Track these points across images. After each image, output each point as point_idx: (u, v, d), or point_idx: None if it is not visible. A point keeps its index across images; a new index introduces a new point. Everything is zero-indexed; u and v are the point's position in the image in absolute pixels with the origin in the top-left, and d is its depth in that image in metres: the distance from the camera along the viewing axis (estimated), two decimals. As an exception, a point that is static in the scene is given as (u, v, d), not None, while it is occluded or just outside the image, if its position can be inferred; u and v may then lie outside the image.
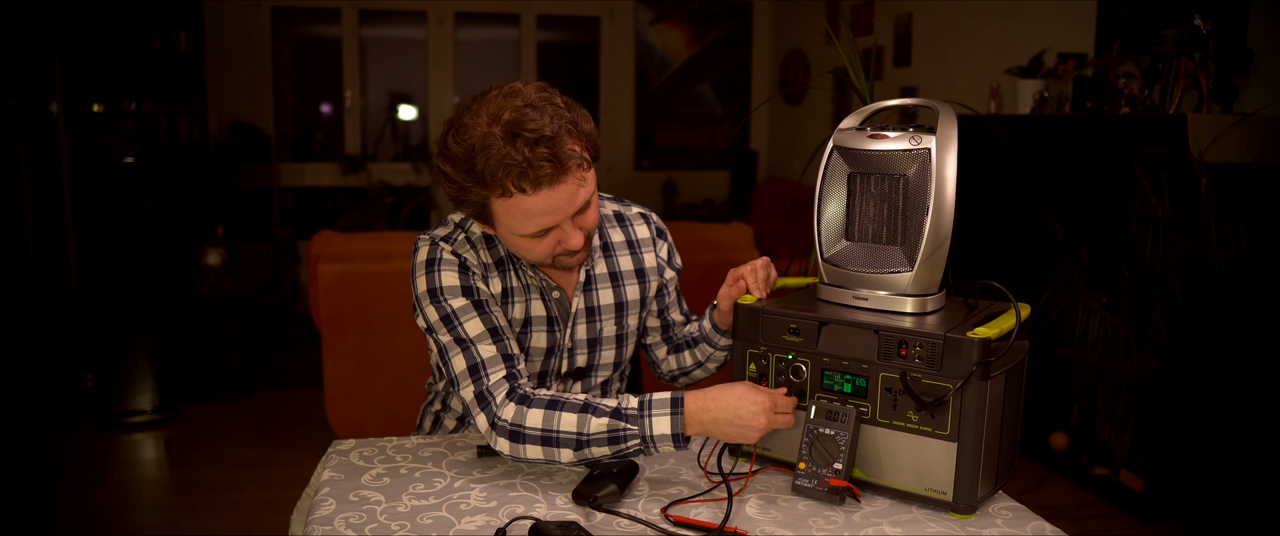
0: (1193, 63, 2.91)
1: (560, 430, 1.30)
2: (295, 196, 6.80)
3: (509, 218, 1.32)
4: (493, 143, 1.25)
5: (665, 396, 1.29)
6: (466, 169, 1.28)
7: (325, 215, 6.59)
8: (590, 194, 1.35)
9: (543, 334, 1.49)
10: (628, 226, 1.59)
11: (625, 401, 1.30)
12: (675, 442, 1.28)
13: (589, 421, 1.29)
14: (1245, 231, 2.57)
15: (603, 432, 1.28)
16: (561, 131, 1.27)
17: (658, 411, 1.28)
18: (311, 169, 6.80)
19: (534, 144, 1.25)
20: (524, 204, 1.29)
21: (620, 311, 1.56)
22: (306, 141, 6.95)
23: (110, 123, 6.04)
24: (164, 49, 6.09)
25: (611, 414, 1.29)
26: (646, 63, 7.04)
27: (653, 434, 1.28)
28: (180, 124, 6.20)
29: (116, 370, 3.63)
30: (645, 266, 1.59)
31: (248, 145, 6.30)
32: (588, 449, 1.29)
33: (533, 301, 1.48)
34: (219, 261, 4.18)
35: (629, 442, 1.28)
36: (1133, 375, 2.76)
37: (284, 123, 6.81)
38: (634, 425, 1.28)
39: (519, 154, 1.24)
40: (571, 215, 1.33)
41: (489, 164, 1.25)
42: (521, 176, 1.25)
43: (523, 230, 1.33)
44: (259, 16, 6.41)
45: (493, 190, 1.28)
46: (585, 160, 1.31)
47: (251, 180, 6.30)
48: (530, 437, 1.30)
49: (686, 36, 7.07)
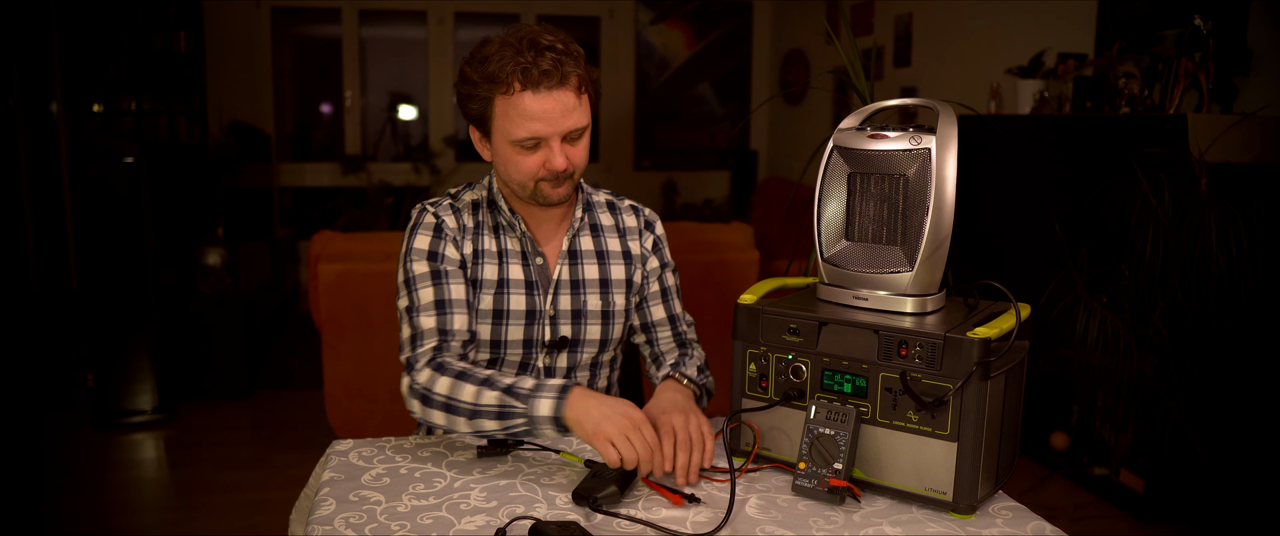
0: (1193, 63, 2.91)
1: (460, 399, 1.37)
2: (295, 196, 6.80)
3: (506, 120, 1.44)
4: (508, 48, 1.42)
5: (558, 382, 1.35)
6: (482, 67, 1.43)
7: (325, 215, 6.58)
8: (583, 124, 1.47)
9: (522, 297, 1.56)
10: (618, 214, 1.68)
11: (522, 381, 1.36)
12: (555, 426, 1.33)
13: (484, 394, 1.36)
14: (1245, 231, 2.57)
15: (493, 406, 1.35)
16: (568, 55, 1.44)
17: (545, 394, 1.33)
18: (311, 169, 6.80)
19: (542, 50, 1.41)
20: (522, 102, 1.42)
21: (605, 287, 1.61)
22: (306, 141, 6.95)
23: (110, 123, 6.04)
24: (164, 49, 6.09)
25: (504, 390, 1.35)
26: (646, 63, 7.04)
27: (535, 414, 1.33)
28: (180, 124, 6.20)
29: (116, 370, 3.63)
30: (630, 251, 1.65)
31: (248, 145, 6.30)
32: (480, 420, 1.36)
33: (512, 265, 1.56)
34: (219, 261, 4.17)
35: (515, 420, 1.34)
36: (1133, 375, 2.76)
37: (284, 123, 6.81)
38: (522, 403, 1.33)
39: (526, 56, 1.40)
40: (561, 133, 1.45)
41: (502, 63, 1.41)
42: (525, 74, 1.40)
43: (515, 133, 1.44)
44: (259, 16, 6.41)
45: (499, 86, 1.42)
46: (586, 88, 1.46)
47: (251, 180, 6.30)
48: (436, 403, 1.40)
49: (686, 36, 7.07)
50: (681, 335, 1.70)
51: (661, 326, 1.69)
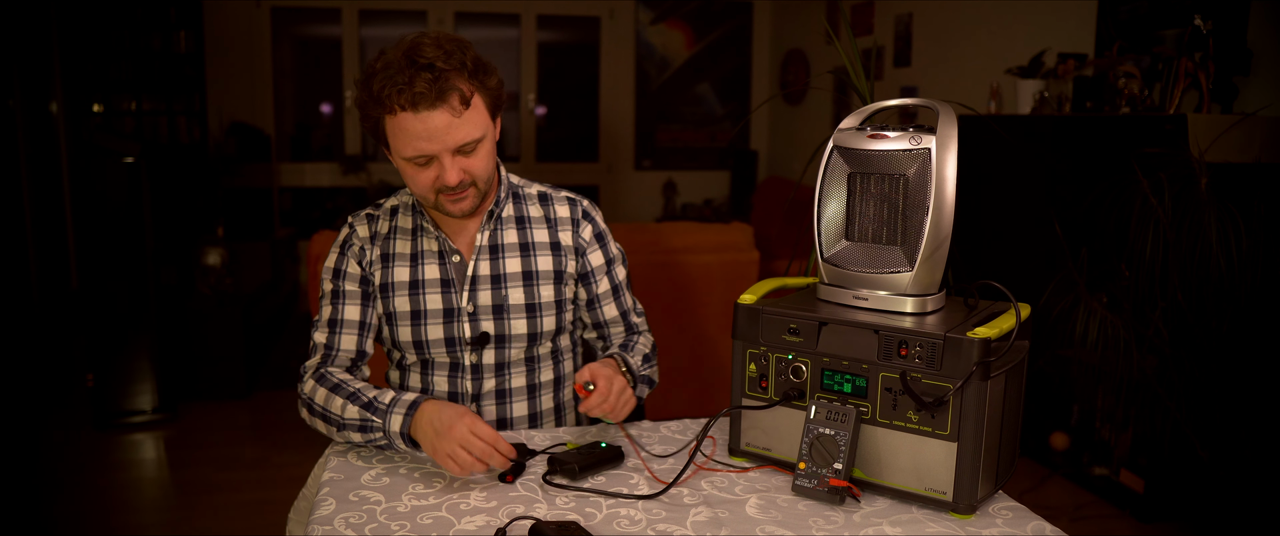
0: (1193, 63, 2.91)
1: (331, 411, 1.43)
2: (295, 196, 6.80)
3: (395, 139, 1.44)
4: (389, 65, 1.39)
5: (409, 398, 1.39)
6: (366, 88, 1.42)
7: (325, 215, 6.58)
8: (471, 137, 1.43)
9: (437, 295, 1.57)
10: (550, 205, 1.65)
11: (382, 395, 1.41)
12: (405, 441, 1.36)
13: (348, 407, 1.42)
14: (1245, 231, 2.57)
15: (355, 420, 1.41)
16: (453, 69, 1.39)
17: (397, 410, 1.37)
18: (311, 169, 6.80)
19: (420, 69, 1.37)
20: (404, 123, 1.40)
21: (529, 279, 1.59)
22: (306, 141, 6.95)
23: (110, 123, 6.04)
24: (164, 49, 6.08)
25: (364, 405, 1.40)
26: (646, 63, 7.04)
27: (388, 428, 1.37)
28: (180, 124, 6.20)
29: (116, 370, 3.63)
30: (559, 242, 1.62)
31: (248, 145, 6.30)
32: (347, 432, 1.42)
33: (428, 264, 1.57)
34: (219, 261, 4.17)
35: (374, 432, 1.39)
36: (1133, 375, 2.76)
37: (284, 123, 6.80)
38: (379, 418, 1.38)
39: (404, 76, 1.37)
40: (450, 149, 1.42)
41: (382, 84, 1.39)
42: (401, 94, 1.37)
43: (404, 152, 1.43)
44: (259, 16, 6.41)
45: (384, 109, 1.41)
46: (472, 101, 1.42)
47: (251, 180, 6.30)
48: (315, 412, 1.46)
49: (686, 36, 7.07)
50: (632, 326, 1.70)
51: (614, 324, 1.68)
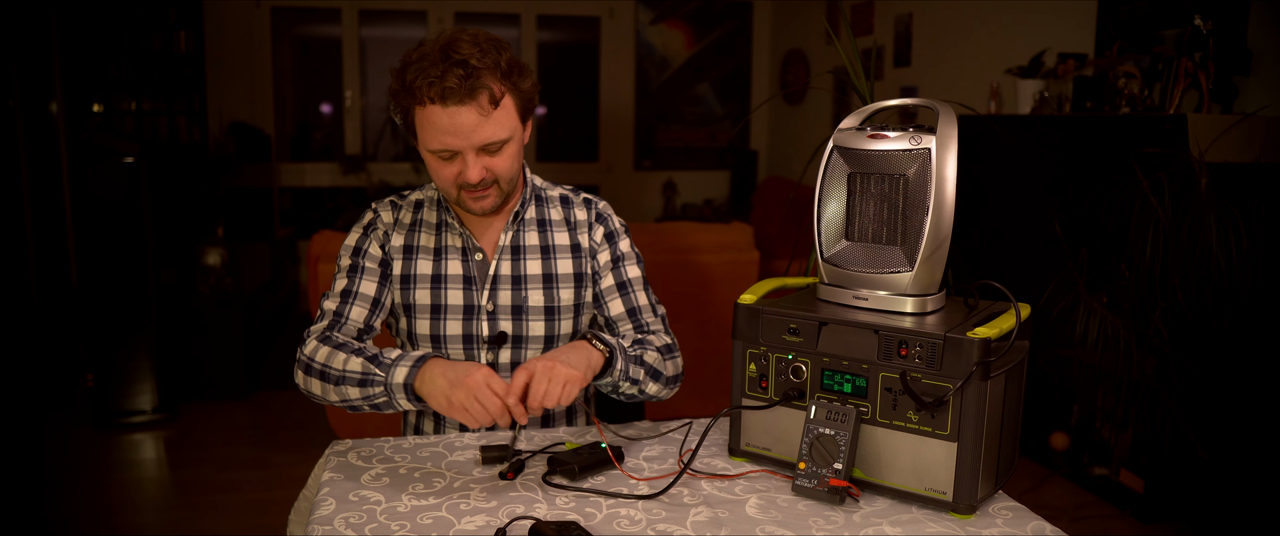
0: (1193, 63, 2.91)
1: (331, 366, 1.42)
2: (295, 196, 6.80)
3: (422, 130, 1.45)
4: (424, 57, 1.41)
5: (417, 353, 1.39)
6: (400, 77, 1.44)
7: (325, 215, 6.59)
8: (497, 137, 1.45)
9: (459, 291, 1.58)
10: (571, 208, 1.67)
11: (389, 351, 1.41)
12: (408, 394, 1.36)
13: (350, 360, 1.41)
14: (1245, 231, 2.57)
15: (356, 372, 1.40)
16: (486, 68, 1.41)
17: (403, 363, 1.37)
18: (311, 169, 6.80)
19: (453, 64, 1.39)
20: (432, 116, 1.42)
21: (549, 282, 1.60)
22: (306, 141, 6.95)
23: (110, 123, 6.04)
24: (164, 49, 6.09)
25: (369, 357, 1.40)
26: (646, 63, 7.04)
27: (391, 381, 1.36)
28: (180, 124, 6.20)
29: (116, 370, 3.63)
30: (579, 243, 1.64)
31: (248, 145, 6.30)
32: (345, 386, 1.41)
33: (451, 260, 1.59)
34: (219, 261, 4.17)
35: (375, 387, 1.38)
36: (1133, 375, 2.76)
37: (284, 123, 6.80)
38: (381, 371, 1.38)
39: (437, 69, 1.39)
40: (474, 146, 1.44)
41: (416, 74, 1.41)
42: (432, 86, 1.39)
43: (430, 145, 1.45)
44: (259, 16, 6.41)
45: (415, 99, 1.42)
46: (502, 101, 1.43)
47: (251, 180, 6.30)
48: (313, 371, 1.44)
49: (686, 36, 7.07)
50: (644, 326, 1.63)
51: (622, 321, 1.63)
